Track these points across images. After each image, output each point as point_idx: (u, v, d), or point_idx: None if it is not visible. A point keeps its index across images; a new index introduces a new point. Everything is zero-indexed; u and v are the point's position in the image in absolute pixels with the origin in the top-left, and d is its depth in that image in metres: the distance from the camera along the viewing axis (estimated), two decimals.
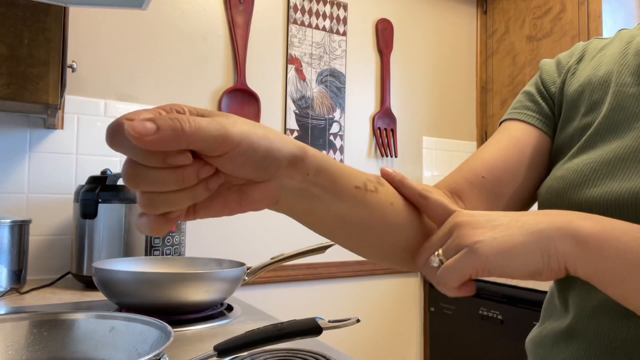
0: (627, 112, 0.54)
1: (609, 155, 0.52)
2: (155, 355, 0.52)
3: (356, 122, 2.00)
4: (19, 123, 1.39)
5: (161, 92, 1.61)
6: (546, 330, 0.59)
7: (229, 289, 0.99)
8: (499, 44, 2.24)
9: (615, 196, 0.49)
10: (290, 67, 1.84)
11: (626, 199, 0.48)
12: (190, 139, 0.31)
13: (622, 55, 0.59)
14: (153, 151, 0.31)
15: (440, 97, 2.24)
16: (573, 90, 0.61)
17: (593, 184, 0.51)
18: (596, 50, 0.64)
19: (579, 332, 0.53)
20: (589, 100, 0.59)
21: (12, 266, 1.19)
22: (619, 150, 0.52)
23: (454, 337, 1.94)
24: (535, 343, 0.61)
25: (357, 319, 0.59)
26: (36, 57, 1.08)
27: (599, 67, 0.61)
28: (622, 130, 0.53)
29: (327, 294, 1.89)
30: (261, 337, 0.60)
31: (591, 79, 0.60)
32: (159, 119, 0.30)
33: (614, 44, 0.62)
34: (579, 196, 0.52)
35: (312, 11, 1.89)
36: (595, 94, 0.59)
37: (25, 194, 1.40)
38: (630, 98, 0.54)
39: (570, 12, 1.90)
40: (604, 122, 0.55)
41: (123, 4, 1.04)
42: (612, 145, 0.53)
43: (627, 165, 0.50)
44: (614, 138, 0.53)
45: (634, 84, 0.55)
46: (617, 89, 0.56)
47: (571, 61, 0.64)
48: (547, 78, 0.65)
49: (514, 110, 0.65)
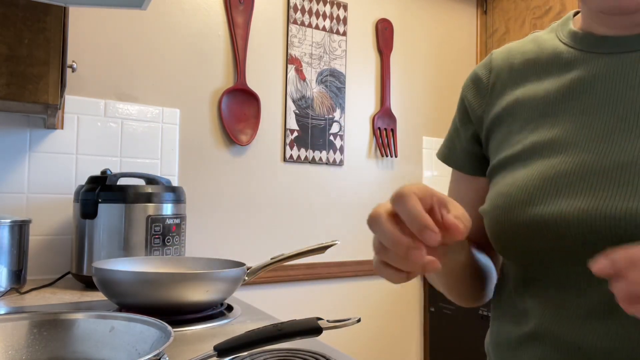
0: (562, 128, 0.54)
1: (551, 171, 0.52)
2: (155, 355, 0.52)
3: (356, 122, 2.00)
4: (19, 123, 1.39)
5: (161, 92, 1.61)
6: (505, 332, 0.59)
7: (229, 289, 0.99)
8: (499, 44, 2.24)
9: (563, 214, 0.49)
10: (290, 67, 1.84)
11: (575, 217, 0.49)
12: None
13: (542, 68, 0.60)
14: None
15: (440, 97, 2.24)
16: (502, 110, 0.62)
17: (540, 201, 0.52)
18: (508, 60, 0.64)
19: (543, 334, 0.53)
20: (520, 117, 0.60)
21: (12, 266, 1.19)
22: (560, 166, 0.52)
23: (454, 337, 1.94)
24: (495, 345, 0.61)
25: (357, 319, 0.59)
26: (36, 57, 1.08)
27: (521, 83, 0.61)
28: (561, 147, 0.53)
29: (327, 294, 1.89)
30: (261, 337, 0.60)
31: (518, 97, 0.61)
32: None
33: (528, 49, 0.63)
34: (526, 214, 0.52)
35: (312, 11, 1.89)
36: (525, 112, 0.59)
37: (25, 194, 1.40)
38: (564, 114, 0.55)
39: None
40: (541, 139, 0.56)
41: (123, 4, 1.04)
42: (552, 161, 0.53)
43: (570, 180, 0.51)
44: (554, 154, 0.53)
45: (564, 99, 0.56)
46: (549, 106, 0.57)
47: (491, 79, 0.65)
48: (472, 101, 0.67)
49: (452, 159, 0.71)
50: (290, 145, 1.83)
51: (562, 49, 0.59)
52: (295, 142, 1.84)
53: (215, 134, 1.70)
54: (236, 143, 1.71)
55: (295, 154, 1.84)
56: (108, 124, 1.52)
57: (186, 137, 1.65)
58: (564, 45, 0.60)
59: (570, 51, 0.58)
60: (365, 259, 1.97)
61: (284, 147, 1.82)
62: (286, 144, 1.82)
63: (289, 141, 1.83)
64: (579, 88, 0.55)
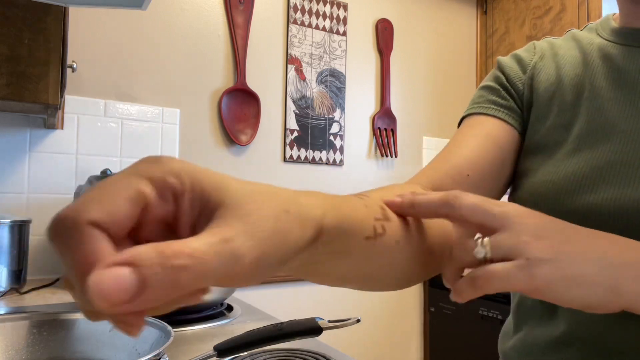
0: (607, 116, 0.54)
1: (599, 160, 0.51)
2: (155, 355, 0.52)
3: (356, 122, 2.00)
4: (19, 123, 1.39)
5: (161, 92, 1.61)
6: (532, 337, 0.57)
7: (229, 289, 0.99)
8: (499, 44, 2.24)
9: (618, 203, 0.48)
10: (290, 67, 1.84)
11: (631, 205, 0.47)
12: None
13: (585, 59, 0.59)
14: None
15: (440, 97, 2.23)
16: (544, 89, 0.60)
17: (589, 189, 0.50)
18: (552, 49, 0.63)
19: (574, 338, 0.52)
20: (561, 99, 0.59)
21: (12, 266, 1.19)
22: (609, 155, 0.51)
23: (454, 337, 1.94)
24: (521, 352, 0.59)
25: (357, 319, 0.59)
26: (36, 57, 1.08)
27: (564, 68, 0.60)
28: (607, 134, 0.53)
29: (327, 294, 1.89)
30: (261, 337, 0.60)
31: (562, 79, 0.60)
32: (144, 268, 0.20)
33: (569, 45, 0.62)
34: (574, 203, 0.51)
35: (312, 11, 1.89)
36: (567, 95, 0.58)
37: (25, 194, 1.40)
38: (609, 102, 0.54)
39: (570, 12, 1.90)
40: (585, 126, 0.55)
41: (123, 4, 1.04)
42: (599, 149, 0.52)
43: (621, 169, 0.50)
44: (601, 142, 0.53)
45: (609, 88, 0.55)
46: (592, 93, 0.56)
47: (534, 58, 0.63)
48: (511, 74, 0.63)
49: (481, 105, 0.62)
50: (290, 145, 1.83)
51: (605, 44, 0.59)
52: (295, 142, 1.84)
53: (215, 134, 1.70)
54: (236, 143, 1.71)
55: (295, 154, 1.84)
56: (108, 124, 1.52)
57: (186, 137, 1.65)
58: (606, 41, 0.60)
59: (614, 45, 0.58)
60: None
61: (284, 147, 1.82)
62: (286, 144, 1.82)
63: (289, 141, 1.83)
64: (624, 79, 0.55)
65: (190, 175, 0.24)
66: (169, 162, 0.24)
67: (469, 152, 0.57)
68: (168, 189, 0.23)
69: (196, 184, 0.24)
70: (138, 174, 0.23)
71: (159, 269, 0.20)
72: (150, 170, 0.23)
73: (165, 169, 0.23)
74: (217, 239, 0.22)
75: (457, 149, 0.58)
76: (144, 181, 0.23)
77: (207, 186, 0.24)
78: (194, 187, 0.24)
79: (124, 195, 0.22)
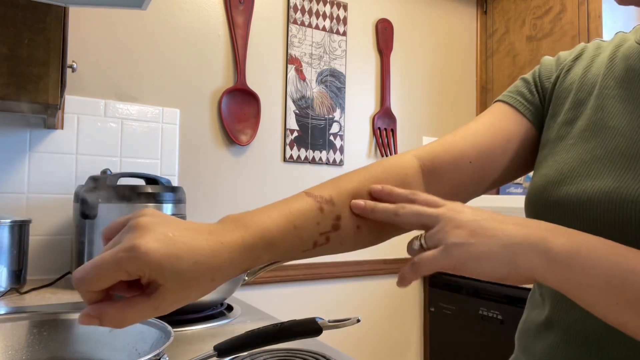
0: (605, 113, 0.55)
1: (587, 154, 0.54)
2: (155, 355, 0.52)
3: (356, 122, 2.00)
4: (19, 123, 1.39)
5: (161, 92, 1.61)
6: (528, 321, 0.62)
7: (229, 289, 0.99)
8: (499, 44, 2.24)
9: (587, 194, 0.51)
10: (290, 67, 1.84)
11: (596, 197, 0.50)
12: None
13: (610, 59, 0.60)
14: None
15: (440, 97, 2.24)
16: (564, 88, 0.63)
17: (570, 181, 0.53)
18: (593, 52, 0.65)
19: (555, 323, 0.55)
20: (574, 97, 0.60)
21: (12, 266, 1.19)
22: (596, 150, 0.53)
23: (454, 337, 1.94)
24: (520, 333, 0.64)
25: (357, 319, 0.59)
26: (36, 57, 1.08)
27: (590, 68, 0.62)
28: (600, 131, 0.55)
29: (327, 294, 1.89)
30: (261, 337, 0.60)
31: (583, 79, 0.62)
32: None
33: (609, 47, 0.63)
34: (556, 194, 0.54)
35: (312, 11, 1.89)
36: (580, 93, 0.60)
37: (25, 194, 1.40)
38: (611, 100, 0.56)
39: (570, 12, 1.90)
40: (585, 122, 0.57)
41: (123, 4, 1.04)
42: (590, 144, 0.55)
43: (601, 164, 0.52)
44: (593, 138, 0.55)
45: (616, 87, 0.57)
46: (600, 91, 0.58)
47: (569, 59, 0.66)
48: (544, 72, 0.67)
49: (510, 94, 0.67)
50: (290, 145, 1.83)
51: (633, 45, 0.60)
52: (295, 142, 1.84)
53: (215, 134, 1.70)
54: (236, 143, 1.71)
55: (295, 154, 1.84)
56: (108, 124, 1.52)
57: (186, 137, 1.65)
58: (636, 43, 0.60)
59: (638, 47, 0.59)
60: (365, 259, 1.97)
61: (284, 147, 1.82)
62: (286, 144, 1.82)
63: (289, 141, 1.83)
64: (631, 77, 0.56)
65: (151, 270, 0.37)
66: (143, 256, 0.36)
67: (476, 139, 0.62)
68: (136, 276, 0.37)
69: (152, 275, 0.37)
70: (119, 266, 0.36)
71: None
72: (128, 266, 0.36)
73: (138, 265, 0.36)
74: (149, 305, 0.39)
75: (467, 133, 0.63)
76: (123, 273, 0.37)
77: (158, 276, 0.38)
78: (150, 276, 0.37)
79: (111, 280, 0.37)
